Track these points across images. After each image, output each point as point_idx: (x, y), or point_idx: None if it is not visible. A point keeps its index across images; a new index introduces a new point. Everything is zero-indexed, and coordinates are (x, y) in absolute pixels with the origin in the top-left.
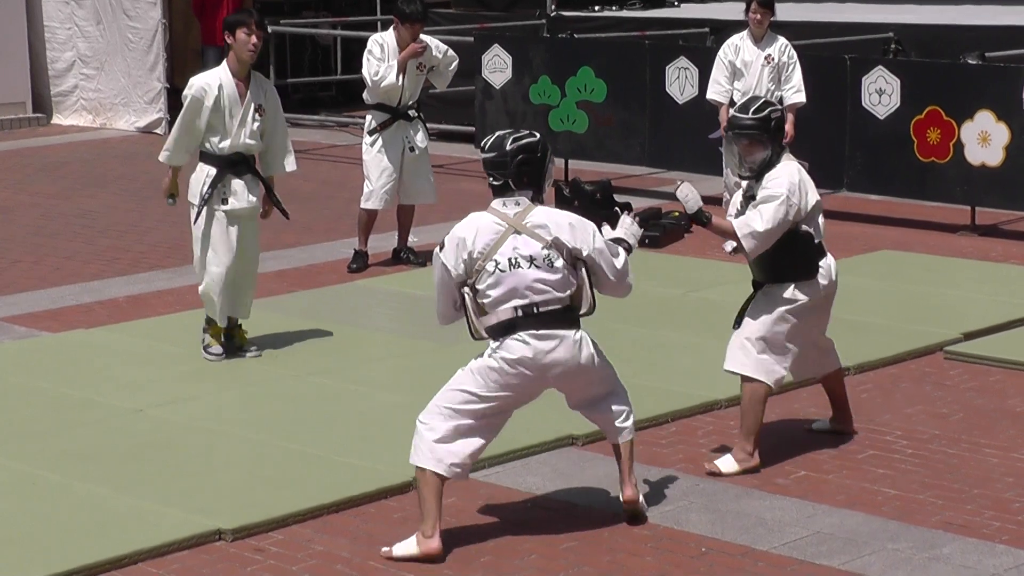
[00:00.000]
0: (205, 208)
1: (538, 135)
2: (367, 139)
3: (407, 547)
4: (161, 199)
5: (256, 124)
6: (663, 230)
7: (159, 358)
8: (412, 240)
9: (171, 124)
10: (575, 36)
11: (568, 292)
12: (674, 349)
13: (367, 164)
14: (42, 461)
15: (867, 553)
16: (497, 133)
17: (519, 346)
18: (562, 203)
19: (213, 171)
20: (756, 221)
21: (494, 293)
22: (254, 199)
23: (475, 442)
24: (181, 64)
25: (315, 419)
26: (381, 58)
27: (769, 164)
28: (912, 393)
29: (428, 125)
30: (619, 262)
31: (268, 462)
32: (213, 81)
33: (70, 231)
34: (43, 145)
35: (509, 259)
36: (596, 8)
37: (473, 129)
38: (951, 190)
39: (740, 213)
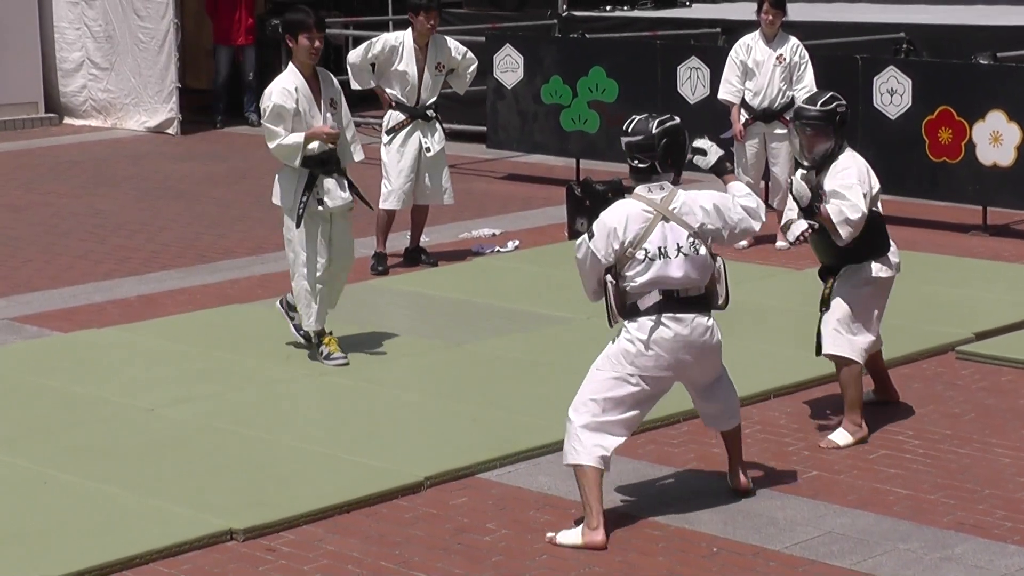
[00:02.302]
0: (304, 211)
1: (677, 118)
2: (384, 138)
3: (572, 536)
4: (171, 198)
5: (332, 120)
6: None
7: (170, 357)
8: (424, 240)
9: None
10: (587, 36)
11: (707, 278)
12: None
13: (385, 164)
14: (53, 460)
15: (878, 553)
16: (636, 117)
17: (656, 327)
18: (573, 203)
19: (305, 172)
20: (849, 210)
21: (641, 280)
22: (347, 195)
23: (617, 434)
24: (193, 64)
25: (326, 418)
26: (375, 55)
27: (832, 156)
28: (924, 393)
29: None
30: (745, 207)
31: (279, 462)
32: (290, 85)
33: (82, 230)
34: (55, 145)
35: (659, 247)
36: (608, 8)
37: (484, 129)
38: (962, 190)
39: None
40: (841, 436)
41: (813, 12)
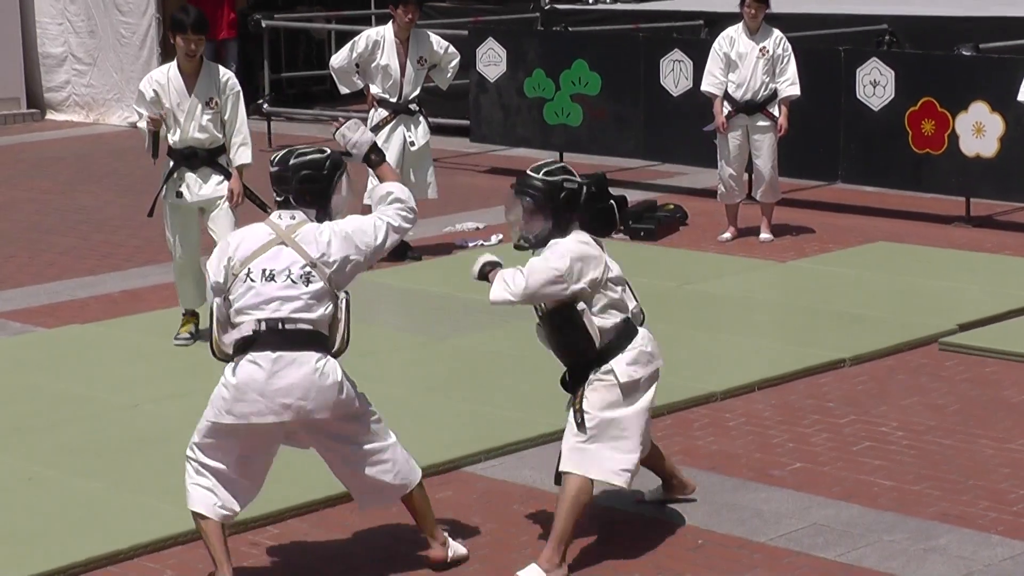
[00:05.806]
0: (160, 201)
1: (328, 151)
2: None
3: None
4: (155, 194)
5: (206, 117)
6: (658, 222)
7: (154, 353)
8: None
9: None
10: (569, 29)
11: (319, 315)
12: (669, 342)
13: None
14: (37, 457)
15: (863, 545)
16: (289, 147)
17: (250, 368)
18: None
19: (171, 164)
20: (516, 274)
21: (242, 302)
22: (205, 194)
23: (233, 485)
24: None
25: None
26: (360, 54)
27: (548, 239)
28: (908, 385)
29: None
30: (389, 222)
31: None
32: (157, 75)
33: (65, 226)
34: (37, 141)
35: (263, 269)
36: (590, 1)
37: (468, 123)
38: (946, 181)
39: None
40: (533, 572)
41: (796, 4)
